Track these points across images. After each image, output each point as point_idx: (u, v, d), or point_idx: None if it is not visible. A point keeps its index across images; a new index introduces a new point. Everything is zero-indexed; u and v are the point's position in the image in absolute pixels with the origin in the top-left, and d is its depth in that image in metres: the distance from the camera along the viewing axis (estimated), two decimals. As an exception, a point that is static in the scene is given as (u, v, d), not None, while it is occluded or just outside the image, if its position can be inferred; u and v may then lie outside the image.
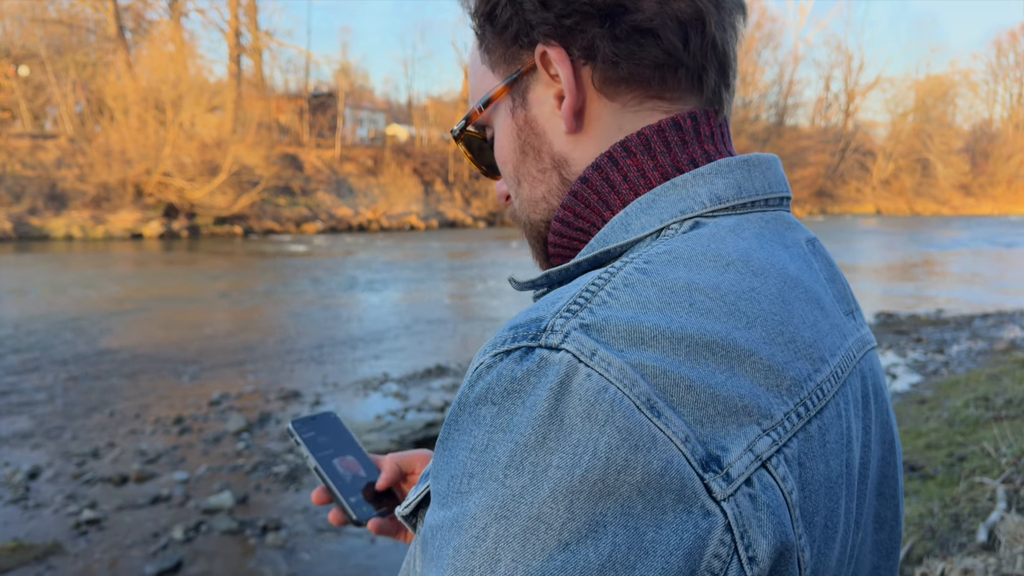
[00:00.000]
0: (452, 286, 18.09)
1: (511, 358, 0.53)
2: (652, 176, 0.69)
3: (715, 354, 0.54)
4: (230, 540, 4.99)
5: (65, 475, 6.01)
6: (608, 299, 0.56)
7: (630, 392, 0.51)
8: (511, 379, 0.52)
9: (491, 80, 0.77)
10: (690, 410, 0.52)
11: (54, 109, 37.01)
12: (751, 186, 0.69)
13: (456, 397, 0.57)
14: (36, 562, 4.65)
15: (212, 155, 34.59)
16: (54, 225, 30.66)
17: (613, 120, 0.71)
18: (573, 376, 0.51)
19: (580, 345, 0.52)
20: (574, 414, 0.50)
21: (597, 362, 0.51)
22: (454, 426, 0.55)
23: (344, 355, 10.42)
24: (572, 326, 0.54)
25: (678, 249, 0.62)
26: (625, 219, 0.68)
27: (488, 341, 0.58)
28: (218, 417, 7.51)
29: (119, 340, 11.22)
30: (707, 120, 0.71)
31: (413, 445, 6.53)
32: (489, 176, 0.88)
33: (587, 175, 0.72)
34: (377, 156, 44.24)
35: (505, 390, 0.52)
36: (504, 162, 0.79)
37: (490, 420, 0.52)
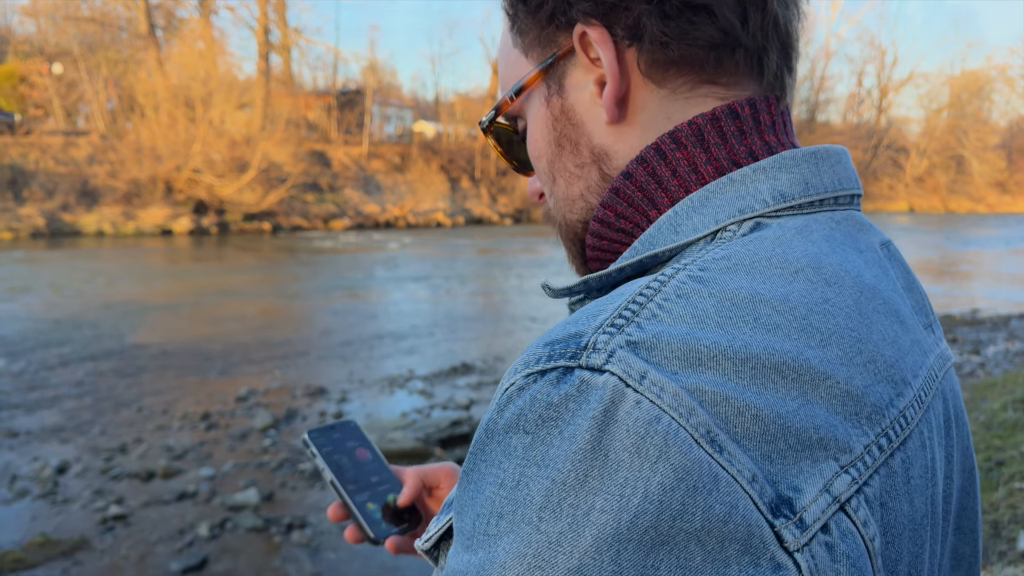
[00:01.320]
0: (478, 283, 18.05)
1: (546, 380, 0.47)
2: (705, 171, 0.62)
3: (785, 377, 0.47)
4: (255, 537, 4.98)
5: (93, 470, 6.04)
6: (659, 312, 0.49)
7: (687, 423, 0.44)
8: (546, 404, 0.46)
9: (524, 66, 0.70)
10: (757, 444, 0.45)
11: (86, 106, 37.49)
12: (819, 182, 0.61)
13: (482, 422, 0.50)
14: (63, 557, 4.67)
15: (241, 152, 34.86)
16: (85, 221, 31.06)
17: (661, 108, 0.63)
18: (620, 403, 0.44)
19: (627, 366, 0.45)
20: (621, 448, 0.43)
21: (647, 387, 0.45)
22: (480, 456, 0.48)
23: (370, 352, 10.41)
24: (617, 343, 0.47)
25: (738, 254, 0.54)
26: (674, 219, 0.61)
27: (519, 359, 0.50)
28: (245, 413, 7.51)
29: (148, 335, 11.30)
30: (767, 108, 0.63)
31: (438, 444, 6.49)
32: (521, 172, 0.80)
33: (631, 170, 0.64)
34: (404, 153, 44.33)
35: (540, 417, 0.45)
36: (537, 156, 0.71)
37: (522, 452, 0.45)
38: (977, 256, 26.27)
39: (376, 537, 0.87)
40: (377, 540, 0.87)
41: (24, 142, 32.82)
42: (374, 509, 0.90)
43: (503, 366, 9.40)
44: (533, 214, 43.66)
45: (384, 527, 0.88)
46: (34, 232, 29.60)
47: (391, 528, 0.89)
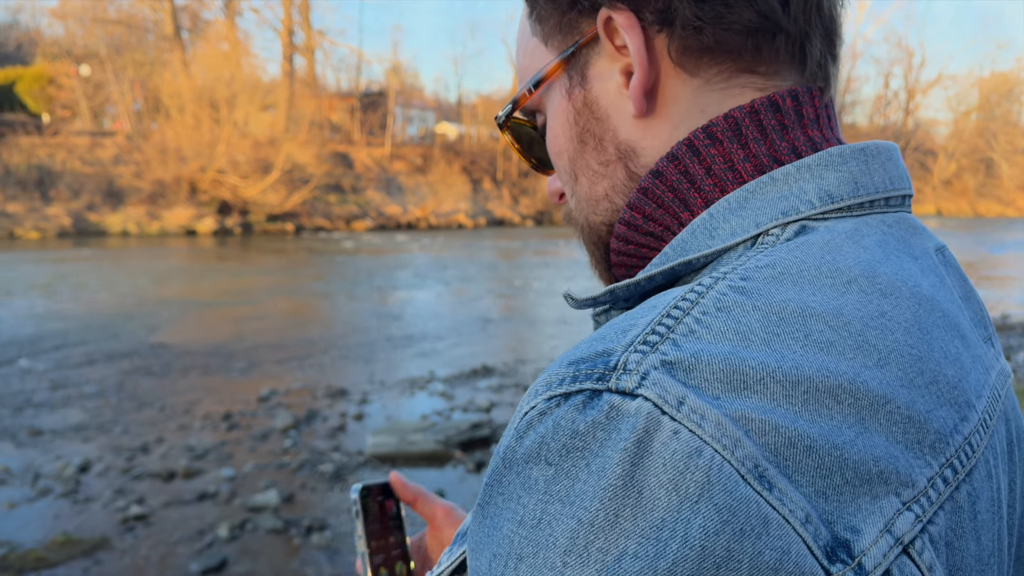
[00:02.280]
0: (499, 285, 18.03)
1: (571, 404, 0.42)
2: (743, 168, 0.56)
3: (841, 402, 0.42)
4: (275, 539, 4.96)
5: (115, 469, 6.06)
6: (697, 327, 0.44)
7: (732, 456, 0.39)
8: (571, 432, 0.41)
9: (543, 56, 0.64)
10: (810, 479, 0.40)
11: (113, 107, 37.89)
12: (869, 181, 0.55)
13: (499, 449, 0.45)
14: (84, 556, 4.67)
15: (265, 153, 35.08)
16: (111, 221, 31.39)
17: (694, 100, 0.58)
18: (655, 432, 0.39)
19: (663, 390, 0.40)
20: (657, 485, 0.38)
21: (687, 414, 0.40)
22: (498, 488, 0.44)
23: (391, 353, 10.40)
24: (651, 364, 0.42)
25: (784, 261, 0.49)
26: (710, 222, 0.56)
27: (540, 379, 0.46)
28: (266, 413, 7.52)
29: (172, 335, 11.36)
30: (810, 100, 0.58)
31: (458, 446, 6.46)
32: (540, 171, 0.75)
33: (660, 168, 0.59)
34: (426, 154, 44.42)
35: (564, 447, 0.41)
36: (558, 153, 0.66)
37: (544, 486, 0.41)
38: (1006, 260, 25.90)
39: None
40: None
41: (51, 143, 33.22)
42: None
43: (524, 369, 9.36)
44: (555, 216, 43.59)
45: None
46: (60, 232, 29.95)
47: None
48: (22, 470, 6.04)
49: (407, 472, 6.04)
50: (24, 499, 5.51)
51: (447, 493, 5.60)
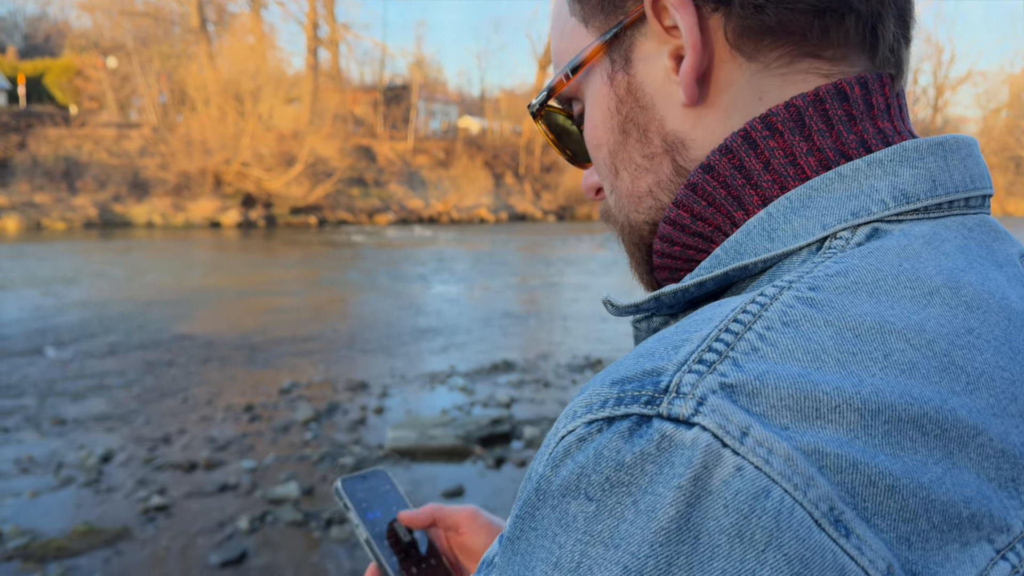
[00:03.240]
0: (520, 280, 17.99)
1: (615, 431, 0.37)
2: (806, 163, 0.51)
3: (926, 434, 0.37)
4: (295, 532, 4.96)
5: (136, 460, 6.09)
6: (760, 345, 0.39)
7: (804, 497, 0.34)
8: (616, 464, 0.36)
9: (583, 37, 0.59)
10: (893, 523, 0.35)
11: (139, 99, 38.20)
12: (948, 179, 0.49)
13: (531, 477, 0.40)
14: (105, 546, 4.69)
15: (289, 146, 35.26)
16: (136, 212, 31.68)
17: (751, 87, 0.52)
18: (714, 468, 0.34)
19: (723, 418, 0.36)
20: (717, 530, 0.33)
21: (751, 447, 0.35)
22: (530, 522, 0.39)
23: (412, 347, 10.40)
24: (709, 387, 0.37)
25: (857, 269, 0.44)
26: (768, 223, 0.50)
27: (577, 398, 0.41)
28: (287, 406, 7.53)
29: (195, 326, 11.43)
30: (881, 88, 0.52)
31: (478, 442, 6.43)
32: (575, 163, 0.69)
33: (712, 162, 0.53)
34: (449, 148, 44.46)
35: (607, 481, 0.36)
36: (597, 145, 0.61)
37: (584, 525, 0.36)
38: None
39: None
40: None
41: (79, 134, 33.57)
42: None
43: (545, 365, 9.32)
44: (577, 211, 43.49)
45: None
46: (87, 222, 30.27)
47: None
48: (46, 459, 6.08)
49: (427, 467, 6.03)
50: (47, 488, 5.55)
51: (466, 489, 5.58)
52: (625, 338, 11.01)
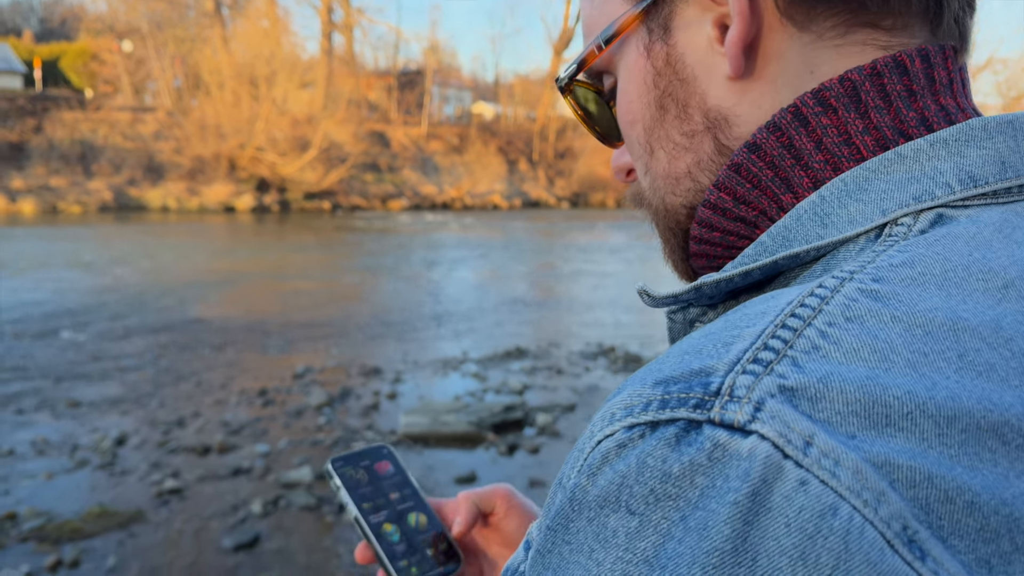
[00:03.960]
0: (533, 267, 17.96)
1: (660, 437, 0.33)
2: (862, 143, 0.47)
3: (1007, 443, 0.33)
4: (307, 516, 4.97)
5: (151, 443, 6.12)
6: (822, 343, 0.35)
7: (875, 515, 0.30)
8: (662, 475, 0.32)
9: (616, 5, 0.54)
10: (972, 544, 0.31)
11: (154, 83, 38.30)
12: (1019, 161, 0.45)
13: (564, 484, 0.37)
14: (119, 529, 4.72)
15: (303, 131, 35.30)
16: (151, 196, 31.82)
17: (802, 59, 0.48)
18: (775, 482, 0.31)
19: (784, 426, 0.32)
20: (776, 551, 0.30)
21: (816, 458, 0.31)
22: (563, 535, 0.35)
23: (425, 333, 10.40)
24: (767, 390, 0.33)
25: (924, 259, 0.39)
26: (821, 207, 0.46)
27: (615, 399, 0.37)
28: (301, 390, 7.55)
29: (209, 310, 11.46)
30: (943, 61, 0.48)
31: (491, 428, 6.43)
32: (606, 143, 0.65)
33: (758, 140, 0.49)
34: (463, 134, 44.39)
35: (652, 493, 0.32)
36: (631, 122, 0.56)
37: (625, 541, 0.33)
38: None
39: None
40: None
41: (94, 117, 33.71)
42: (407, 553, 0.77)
43: (558, 352, 9.30)
44: (591, 198, 43.36)
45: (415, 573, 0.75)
46: (102, 206, 30.42)
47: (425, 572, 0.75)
48: (61, 441, 6.12)
49: (439, 453, 6.03)
50: (62, 470, 5.58)
51: (479, 475, 5.58)
52: (638, 326, 10.99)
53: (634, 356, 8.93)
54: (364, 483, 0.81)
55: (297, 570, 4.33)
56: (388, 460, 0.84)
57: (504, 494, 0.82)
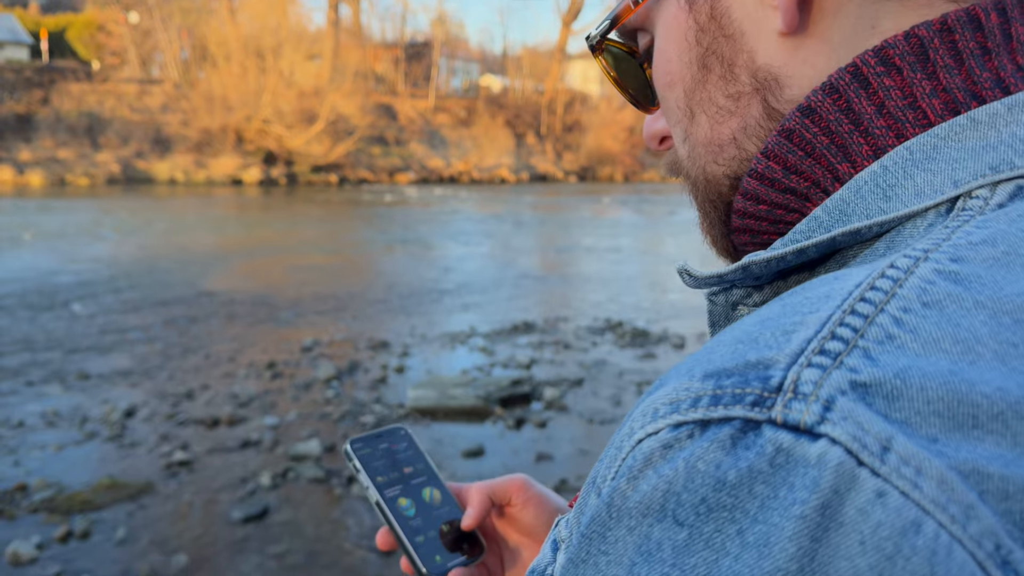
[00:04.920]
0: (540, 241, 17.92)
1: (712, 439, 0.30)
2: (929, 106, 0.42)
3: None
4: (316, 489, 4.99)
5: (159, 415, 6.14)
6: (897, 331, 0.31)
7: (964, 532, 0.26)
8: (715, 482, 0.29)
9: None
10: None
11: (160, 55, 38.14)
12: None
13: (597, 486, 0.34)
14: (129, 500, 4.75)
15: (310, 103, 35.17)
16: (158, 169, 31.80)
17: (862, 13, 0.43)
18: (847, 493, 0.27)
19: (859, 428, 0.28)
20: (850, 573, 0.26)
21: (895, 466, 0.27)
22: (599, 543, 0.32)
23: (432, 306, 10.40)
24: (836, 386, 0.29)
25: (1006, 236, 0.35)
26: (883, 178, 0.42)
27: (657, 392, 0.34)
28: (309, 364, 7.56)
29: (217, 283, 11.48)
30: (1022, 16, 0.43)
31: (498, 402, 6.43)
32: (640, 107, 0.60)
33: (813, 103, 0.44)
34: (470, 107, 44.16)
35: (703, 503, 0.29)
36: (669, 83, 0.51)
37: (672, 556, 0.29)
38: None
39: (428, 572, 0.72)
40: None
41: (101, 90, 33.63)
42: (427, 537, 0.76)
43: (565, 327, 9.29)
44: (598, 172, 43.15)
45: (439, 560, 0.73)
46: (109, 178, 30.43)
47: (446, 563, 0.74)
48: (70, 413, 6.15)
49: (447, 427, 6.04)
50: (72, 442, 5.61)
51: (486, 449, 5.59)
52: (646, 302, 10.96)
53: (641, 331, 8.92)
54: (383, 466, 0.80)
55: (306, 542, 4.36)
56: (406, 442, 0.83)
57: (519, 485, 0.79)
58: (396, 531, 0.75)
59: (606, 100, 50.44)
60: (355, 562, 4.19)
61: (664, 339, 8.69)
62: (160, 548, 4.24)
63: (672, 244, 17.61)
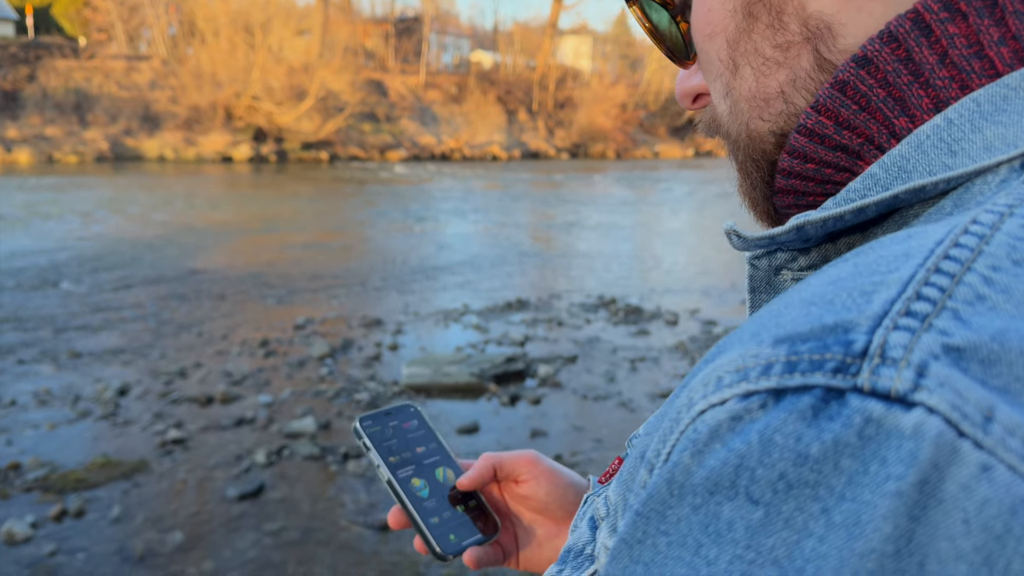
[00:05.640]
0: (533, 218, 17.88)
1: (790, 409, 0.27)
2: (998, 55, 0.39)
3: None
4: (311, 466, 4.99)
5: (153, 393, 6.12)
6: (987, 291, 0.29)
7: None
8: (796, 457, 0.26)
9: None
10: None
11: (148, 31, 37.71)
12: None
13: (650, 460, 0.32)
14: (123, 479, 4.74)
15: (299, 79, 34.88)
16: (148, 146, 31.53)
17: None
18: (948, 467, 0.25)
19: (957, 396, 0.25)
20: (952, 555, 0.24)
21: (1000, 438, 0.25)
22: (658, 523, 0.29)
23: (425, 284, 10.38)
24: (928, 349, 0.27)
25: None
26: (948, 132, 0.39)
27: (720, 359, 0.31)
28: (302, 341, 7.55)
29: (208, 261, 11.42)
30: None
31: (493, 379, 6.43)
32: (676, 61, 0.56)
33: (869, 53, 0.41)
34: (461, 83, 43.86)
35: (782, 479, 0.26)
36: (710, 34, 0.48)
37: (746, 536, 0.26)
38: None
39: (443, 552, 0.71)
40: (444, 556, 0.71)
41: (88, 66, 33.26)
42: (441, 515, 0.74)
43: (558, 304, 9.28)
44: (590, 149, 43.02)
45: (453, 539, 0.72)
46: (98, 156, 30.17)
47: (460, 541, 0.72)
48: (62, 392, 6.13)
49: (442, 403, 6.04)
50: (64, 420, 5.59)
51: (481, 426, 5.59)
52: (639, 279, 10.97)
53: (635, 308, 8.92)
54: (394, 443, 0.78)
55: (302, 519, 4.36)
56: (416, 419, 0.82)
57: (529, 460, 0.77)
58: (410, 511, 0.73)
59: (597, 76, 50.17)
60: (351, 538, 4.19)
61: (657, 316, 8.70)
62: (155, 526, 4.24)
63: (665, 221, 17.60)
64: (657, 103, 48.55)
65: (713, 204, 20.98)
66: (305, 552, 4.05)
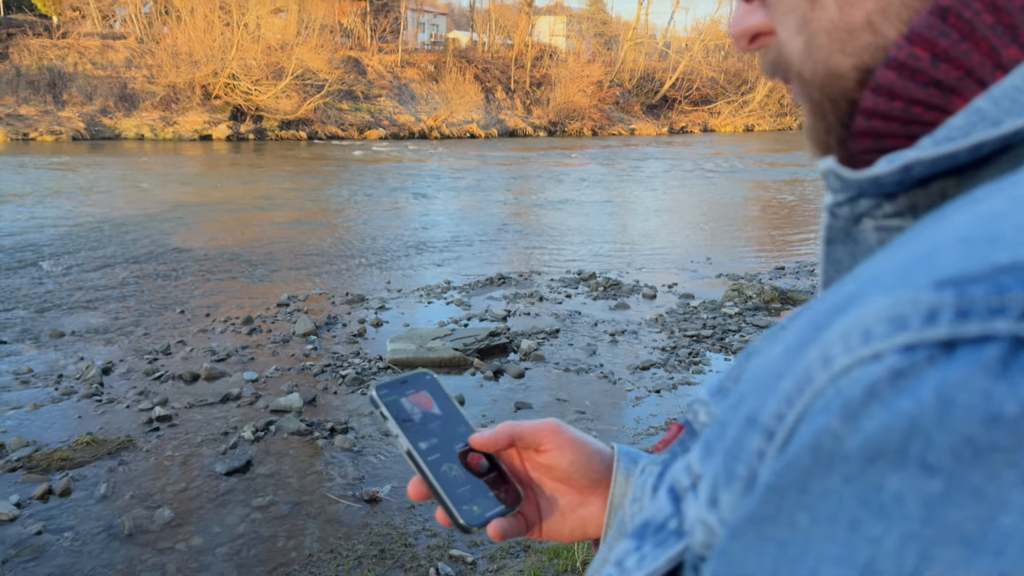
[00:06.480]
0: (511, 196, 17.87)
1: (971, 362, 0.24)
2: None
3: None
4: (298, 441, 5.02)
5: (137, 371, 6.11)
6: None
7: None
8: (987, 417, 0.23)
9: None
10: None
11: (122, 9, 37.13)
12: None
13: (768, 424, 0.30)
14: (110, 457, 4.74)
15: (277, 58, 34.53)
16: (125, 125, 31.16)
17: None
18: None
19: None
20: None
21: None
22: (797, 497, 0.26)
23: (406, 261, 10.38)
24: None
25: None
26: None
27: (863, 308, 0.28)
28: (286, 318, 7.55)
29: (190, 240, 11.36)
30: None
31: (477, 353, 6.47)
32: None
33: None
34: (438, 61, 43.56)
35: (968, 444, 0.23)
36: None
37: (921, 510, 0.23)
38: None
39: (467, 524, 0.70)
40: (468, 528, 0.70)
41: (62, 44, 32.73)
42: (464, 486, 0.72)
43: (539, 279, 9.33)
44: (567, 127, 42.91)
45: (476, 510, 0.70)
46: (75, 135, 29.78)
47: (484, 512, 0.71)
48: (45, 371, 6.10)
49: (426, 378, 6.07)
50: (48, 399, 5.58)
51: (466, 399, 5.64)
52: (617, 254, 11.02)
53: (614, 282, 8.98)
54: (411, 412, 0.76)
55: (290, 493, 4.39)
56: (432, 387, 0.80)
57: (551, 429, 0.74)
58: (431, 482, 0.71)
59: (573, 54, 49.94)
60: (340, 511, 4.23)
61: (636, 290, 8.77)
62: (143, 503, 4.26)
63: (642, 197, 17.65)
64: (632, 81, 48.47)
65: (689, 180, 21.05)
66: (295, 526, 4.09)
